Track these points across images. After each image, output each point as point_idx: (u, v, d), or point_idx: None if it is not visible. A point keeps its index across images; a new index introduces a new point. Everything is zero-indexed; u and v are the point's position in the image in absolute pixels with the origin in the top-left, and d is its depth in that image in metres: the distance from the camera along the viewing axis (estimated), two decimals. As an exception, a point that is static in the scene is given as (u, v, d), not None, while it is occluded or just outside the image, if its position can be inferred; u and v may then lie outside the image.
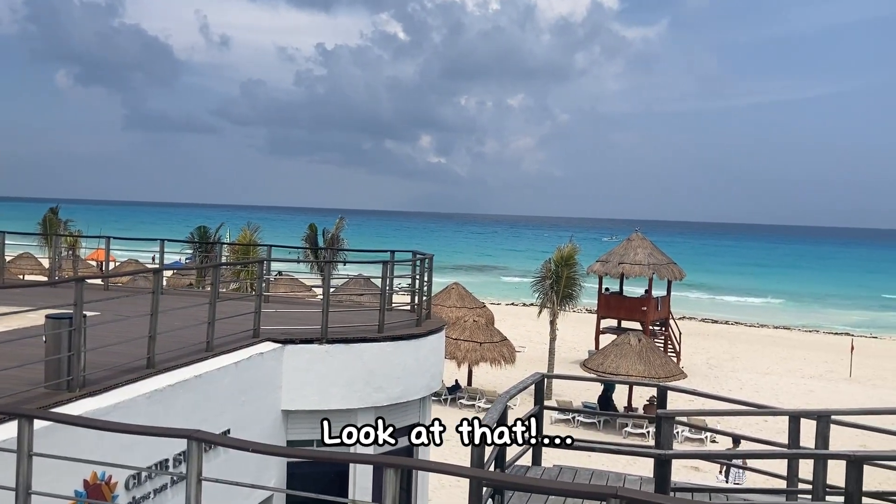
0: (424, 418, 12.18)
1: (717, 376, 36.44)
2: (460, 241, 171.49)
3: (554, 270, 32.43)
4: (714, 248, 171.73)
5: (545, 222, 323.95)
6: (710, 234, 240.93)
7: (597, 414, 24.67)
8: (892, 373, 40.49)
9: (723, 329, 57.00)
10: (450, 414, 26.70)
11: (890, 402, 31.33)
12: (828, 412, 7.28)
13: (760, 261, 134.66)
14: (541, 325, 36.64)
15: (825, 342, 51.80)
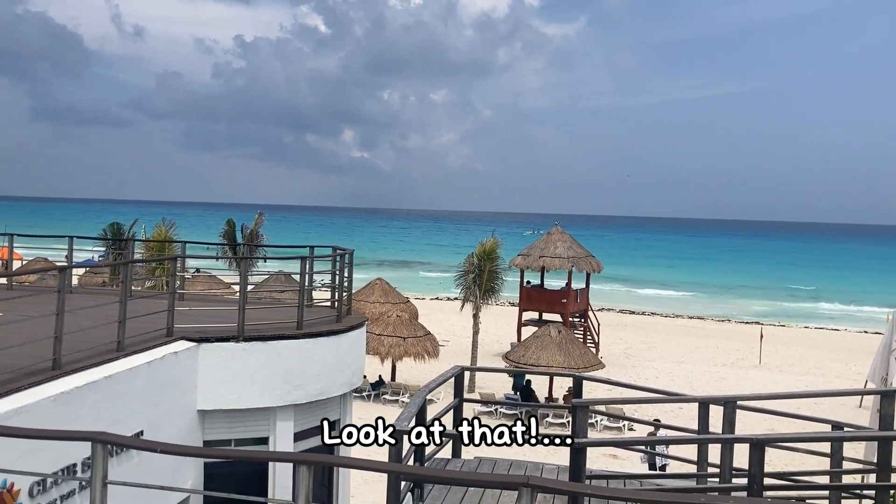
0: (346, 415, 12.13)
1: (634, 366, 37.46)
2: (384, 236, 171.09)
3: (476, 265, 32.70)
4: (632, 241, 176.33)
5: (469, 217, 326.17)
6: (628, 228, 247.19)
7: (518, 405, 25.03)
8: (798, 359, 42.43)
9: (640, 320, 58.64)
10: (373, 410, 26.65)
11: (795, 387, 32.84)
12: (733, 398, 7.58)
13: (677, 253, 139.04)
14: (464, 318, 36.95)
15: (736, 331, 53.84)
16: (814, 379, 36.37)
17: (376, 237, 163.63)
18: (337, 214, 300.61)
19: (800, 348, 46.53)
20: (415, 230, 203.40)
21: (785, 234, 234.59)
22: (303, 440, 10.70)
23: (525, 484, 3.93)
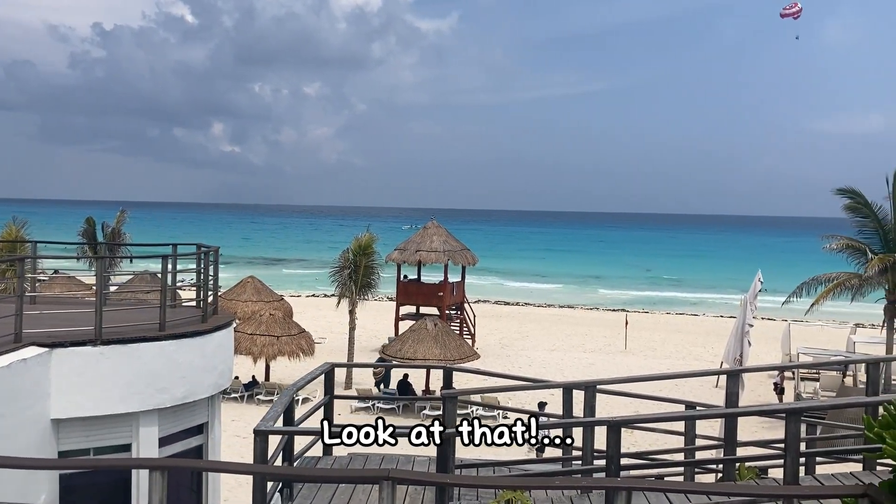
0: (214, 418, 11.78)
1: (508, 355, 38.38)
2: (257, 232, 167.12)
3: (352, 260, 32.52)
4: (506, 234, 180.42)
5: (346, 212, 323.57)
6: (502, 222, 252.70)
7: (396, 399, 25.13)
8: (661, 343, 44.73)
9: (514, 310, 60.11)
10: (247, 411, 26.03)
11: (657, 370, 34.58)
12: (593, 382, 7.91)
13: (549, 245, 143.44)
14: (341, 315, 36.67)
15: (604, 318, 56.12)
16: (675, 362, 38.43)
17: (249, 234, 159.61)
18: (207, 211, 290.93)
19: (662, 333, 49.03)
20: (289, 226, 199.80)
21: (649, 225, 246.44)
22: (169, 445, 10.31)
23: (386, 477, 3.95)
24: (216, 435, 11.53)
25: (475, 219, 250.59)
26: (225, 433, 22.64)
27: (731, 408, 7.32)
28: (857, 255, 26.07)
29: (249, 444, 15.10)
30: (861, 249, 25.92)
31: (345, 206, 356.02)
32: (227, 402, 27.14)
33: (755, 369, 9.22)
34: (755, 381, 30.41)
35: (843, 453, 8.10)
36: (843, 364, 27.30)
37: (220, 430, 12.21)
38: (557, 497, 7.43)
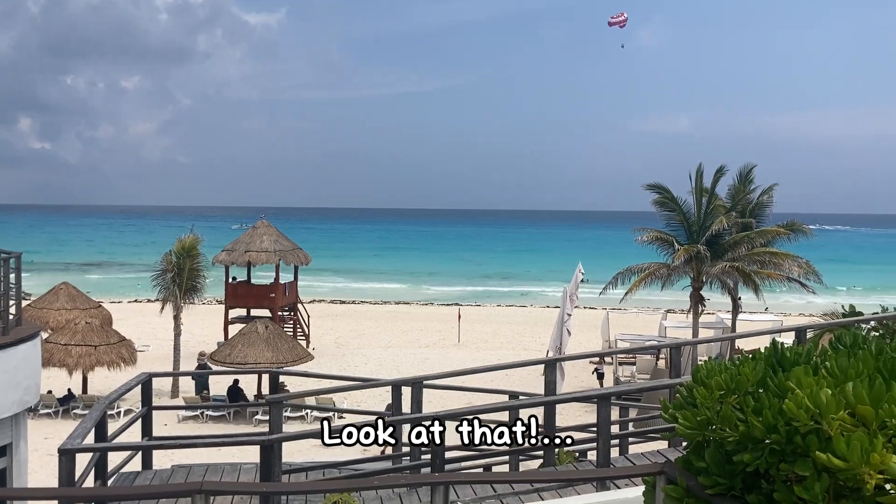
0: (19, 437, 10.84)
1: (344, 354, 38.16)
2: (72, 235, 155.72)
3: (176, 262, 31.03)
4: (341, 232, 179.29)
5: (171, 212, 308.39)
6: (337, 219, 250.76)
7: (227, 406, 24.28)
8: (492, 335, 46.14)
9: (350, 309, 59.86)
10: (64, 427, 24.17)
11: (489, 362, 35.64)
12: (420, 378, 7.99)
13: (384, 243, 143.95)
14: (166, 321, 34.91)
15: (438, 313, 57.10)
16: (506, 353, 39.73)
17: (63, 237, 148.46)
18: (15, 213, 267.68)
19: (494, 325, 50.59)
20: (108, 227, 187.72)
21: (481, 221, 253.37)
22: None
23: (198, 490, 3.77)
24: (22, 457, 10.63)
25: (309, 217, 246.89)
26: (36, 452, 20.94)
27: (549, 395, 7.67)
28: (665, 246, 28.12)
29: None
30: (669, 241, 27.98)
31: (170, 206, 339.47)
32: (40, 419, 25.10)
33: (568, 358, 9.73)
34: (579, 367, 32.03)
35: (648, 433, 8.71)
36: (648, 349, 29.31)
37: (27, 450, 11.27)
38: (387, 495, 7.45)
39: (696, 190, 28.48)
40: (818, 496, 3.37)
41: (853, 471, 3.20)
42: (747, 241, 27.66)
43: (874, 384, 3.47)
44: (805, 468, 3.44)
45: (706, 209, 28.22)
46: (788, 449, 3.55)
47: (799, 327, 10.14)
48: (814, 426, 3.44)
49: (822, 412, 3.41)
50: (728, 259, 27.31)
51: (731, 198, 30.41)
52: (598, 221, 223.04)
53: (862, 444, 3.14)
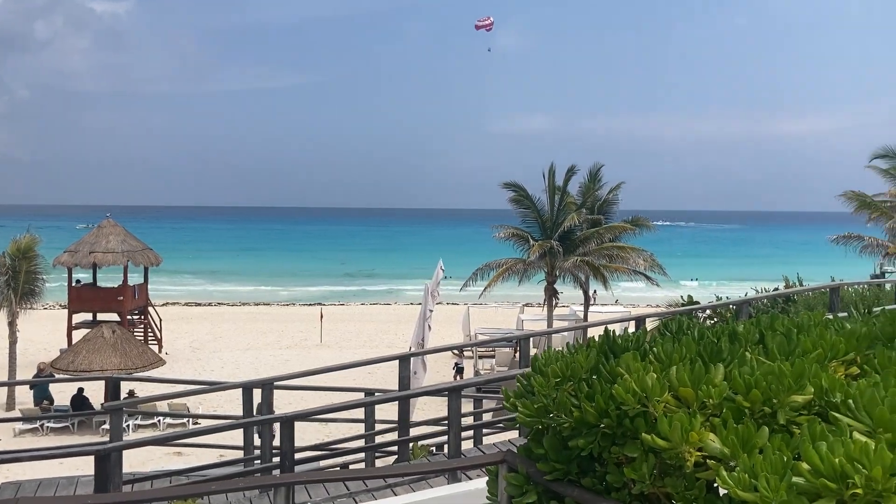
0: None
1: (199, 358, 36.79)
2: None
3: (10, 265, 28.79)
4: (196, 231, 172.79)
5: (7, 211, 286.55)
6: (191, 218, 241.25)
7: (70, 416, 22.82)
8: (356, 334, 45.90)
9: (207, 311, 57.82)
10: None
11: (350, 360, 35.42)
12: (270, 380, 7.79)
13: (243, 243, 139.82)
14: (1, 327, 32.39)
15: (300, 313, 56.19)
16: (370, 351, 39.60)
17: None
18: None
19: (357, 324, 50.34)
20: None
21: (343, 219, 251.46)
22: None
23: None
24: None
25: (161, 216, 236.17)
26: None
27: (404, 390, 7.68)
28: (521, 242, 28.94)
29: None
30: (524, 237, 28.83)
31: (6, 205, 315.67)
32: None
33: (420, 353, 9.78)
34: (441, 362, 32.44)
35: (495, 424, 8.91)
36: (498, 341, 30.03)
37: None
38: (237, 500, 7.22)
39: (549, 188, 29.49)
40: (645, 476, 3.53)
41: (675, 449, 3.36)
42: (596, 237, 28.95)
43: (695, 367, 3.67)
44: (634, 450, 3.59)
45: (559, 206, 29.29)
46: (619, 432, 3.70)
47: (639, 317, 10.68)
48: (641, 409, 3.60)
49: (648, 395, 3.57)
50: (579, 254, 28.48)
51: (582, 195, 31.70)
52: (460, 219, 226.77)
53: (682, 424, 3.31)
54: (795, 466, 2.87)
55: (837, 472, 2.78)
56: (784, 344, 3.89)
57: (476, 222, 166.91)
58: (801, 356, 3.80)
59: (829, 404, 3.46)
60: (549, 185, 29.65)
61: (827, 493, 2.80)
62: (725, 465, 3.24)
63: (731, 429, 3.25)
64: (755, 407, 3.46)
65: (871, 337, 4.12)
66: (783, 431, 3.38)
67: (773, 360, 3.76)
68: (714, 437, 3.34)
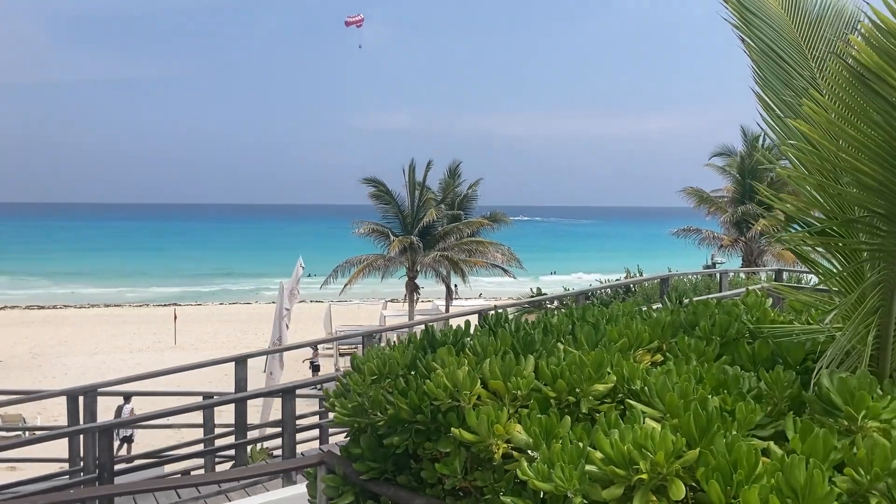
0: None
1: (41, 365, 34.43)
2: None
3: None
4: (38, 228, 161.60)
5: None
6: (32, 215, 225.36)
7: None
8: (213, 335, 44.38)
9: (51, 314, 54.24)
10: None
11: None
12: (94, 386, 7.32)
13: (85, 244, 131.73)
14: None
15: (154, 314, 53.76)
16: (227, 352, 38.30)
17: None
18: None
19: (216, 324, 48.71)
20: None
21: (200, 216, 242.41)
22: None
23: None
24: None
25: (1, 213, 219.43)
26: None
27: (240, 392, 7.42)
28: (381, 238, 28.89)
29: None
30: (384, 233, 28.80)
31: None
32: None
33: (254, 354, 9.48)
34: (299, 361, 31.87)
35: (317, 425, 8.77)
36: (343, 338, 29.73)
37: None
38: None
39: (409, 184, 29.61)
40: (457, 470, 3.52)
41: (484, 442, 3.37)
42: (456, 232, 29.34)
43: (506, 360, 3.69)
44: (447, 444, 3.57)
45: (419, 202, 29.46)
46: (433, 428, 3.67)
47: (484, 309, 10.86)
48: (453, 404, 3.59)
49: (459, 389, 3.56)
50: (439, 249, 28.76)
51: (442, 191, 32.02)
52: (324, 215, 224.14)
53: (489, 416, 3.32)
54: (589, 455, 2.92)
55: (626, 458, 2.85)
56: (592, 334, 4.00)
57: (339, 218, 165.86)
58: (606, 345, 3.92)
59: (632, 392, 3.58)
60: (409, 181, 29.76)
61: (618, 480, 2.87)
62: (530, 456, 3.28)
63: (535, 419, 3.29)
64: (561, 397, 3.52)
65: (675, 325, 4.31)
66: (587, 420, 3.46)
67: (582, 350, 3.85)
68: (521, 429, 3.37)
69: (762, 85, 4.06)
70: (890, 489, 2.63)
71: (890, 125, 3.49)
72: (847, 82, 3.42)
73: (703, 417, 2.92)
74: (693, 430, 2.91)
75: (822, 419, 3.22)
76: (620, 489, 2.84)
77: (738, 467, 2.69)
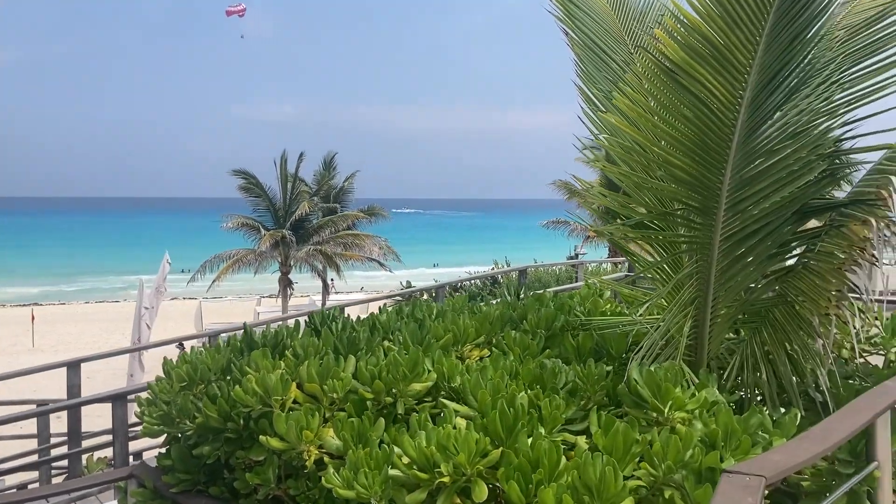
0: None
1: None
2: None
3: None
4: None
5: None
6: None
7: None
8: (77, 335, 41.92)
9: None
10: None
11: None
12: None
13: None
14: None
15: (11, 315, 50.31)
16: (91, 352, 36.33)
17: None
18: None
19: (80, 325, 46.06)
20: None
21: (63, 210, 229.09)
22: None
23: None
24: None
25: None
26: None
27: (73, 399, 6.93)
28: (252, 232, 28.07)
29: None
30: (255, 227, 27.99)
31: None
32: None
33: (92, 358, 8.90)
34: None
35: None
36: (200, 336, 28.94)
37: None
38: None
39: (282, 176, 28.89)
40: (270, 479, 3.34)
41: (294, 449, 3.21)
42: (331, 225, 28.87)
43: (325, 361, 3.54)
44: (260, 452, 3.39)
45: (292, 195, 28.79)
46: (245, 435, 3.48)
47: (349, 303, 10.68)
48: (266, 409, 3.41)
49: (271, 394, 3.38)
50: (313, 243, 28.22)
51: (318, 184, 31.45)
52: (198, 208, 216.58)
53: (298, 422, 3.16)
54: (394, 459, 2.81)
55: (430, 461, 2.76)
56: (416, 331, 3.90)
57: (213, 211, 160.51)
58: (432, 342, 3.83)
59: (453, 390, 3.50)
60: (282, 173, 29.03)
61: (423, 483, 2.77)
62: (341, 461, 3.14)
63: (346, 423, 3.16)
64: (380, 398, 3.40)
65: (504, 319, 4.28)
66: (404, 422, 3.36)
67: (407, 348, 3.75)
68: (333, 434, 3.23)
69: (584, 79, 4.07)
70: (684, 480, 2.65)
71: (700, 121, 3.56)
72: (657, 77, 3.45)
73: (510, 415, 2.87)
74: (499, 429, 2.85)
75: (633, 412, 3.25)
76: (424, 493, 2.75)
77: (539, 466, 2.65)
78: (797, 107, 3.70)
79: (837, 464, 3.04)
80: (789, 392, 3.77)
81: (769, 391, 3.87)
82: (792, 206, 3.76)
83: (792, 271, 3.87)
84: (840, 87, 3.80)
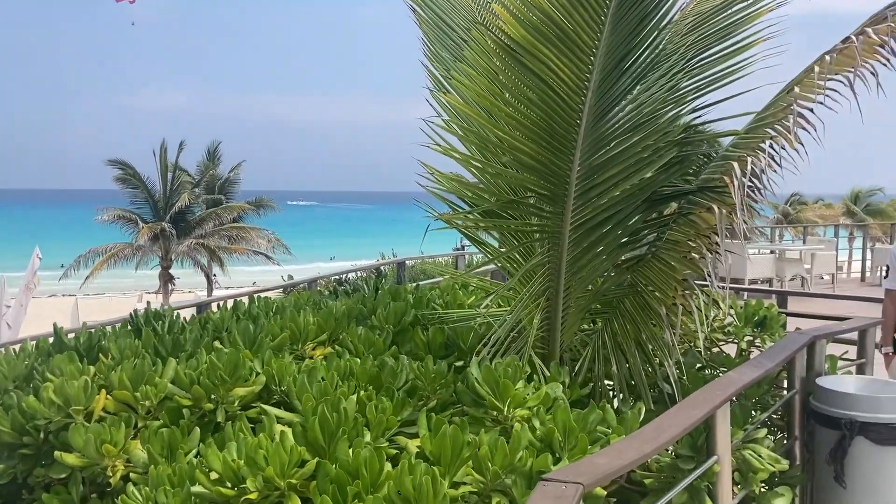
0: None
1: None
2: None
3: None
4: None
5: None
6: None
7: None
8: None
9: None
10: None
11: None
12: None
13: None
14: None
15: None
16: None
17: None
18: None
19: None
20: None
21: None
22: None
23: None
24: None
25: None
26: None
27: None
28: (130, 225, 26.74)
29: None
30: (133, 219, 26.67)
31: None
32: None
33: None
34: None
35: None
36: None
37: None
38: None
39: (161, 166, 27.60)
40: (73, 499, 2.97)
41: (97, 465, 2.85)
42: (214, 217, 27.82)
43: (139, 365, 3.19)
44: (61, 470, 3.01)
45: (172, 186, 27.56)
46: (45, 451, 3.09)
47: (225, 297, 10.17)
48: (68, 421, 3.03)
49: (71, 404, 3.01)
50: (195, 236, 27.12)
51: (201, 174, 30.27)
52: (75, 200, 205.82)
53: (98, 435, 2.81)
54: (197, 475, 2.51)
55: (237, 475, 2.48)
56: (249, 329, 3.59)
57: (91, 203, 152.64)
58: (264, 341, 3.54)
59: (285, 394, 3.22)
60: (161, 163, 27.73)
61: (231, 501, 2.49)
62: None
63: (156, 434, 2.83)
64: (200, 404, 3.09)
65: (350, 315, 4.03)
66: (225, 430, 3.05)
67: (238, 349, 3.44)
68: (140, 446, 2.89)
69: (431, 58, 3.85)
70: (513, 486, 2.48)
71: (546, 104, 3.40)
72: (498, 57, 3.27)
73: (332, 421, 2.62)
74: (319, 436, 2.60)
75: (473, 411, 3.06)
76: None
77: (358, 477, 2.41)
78: (647, 90, 3.61)
79: (679, 459, 2.95)
80: (638, 384, 3.69)
81: (620, 383, 3.78)
82: (642, 195, 3.67)
83: (642, 260, 3.78)
84: (689, 73, 3.73)
